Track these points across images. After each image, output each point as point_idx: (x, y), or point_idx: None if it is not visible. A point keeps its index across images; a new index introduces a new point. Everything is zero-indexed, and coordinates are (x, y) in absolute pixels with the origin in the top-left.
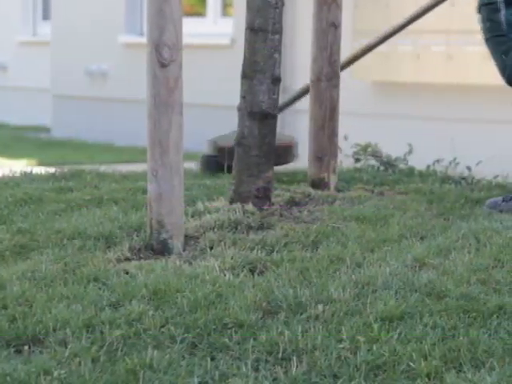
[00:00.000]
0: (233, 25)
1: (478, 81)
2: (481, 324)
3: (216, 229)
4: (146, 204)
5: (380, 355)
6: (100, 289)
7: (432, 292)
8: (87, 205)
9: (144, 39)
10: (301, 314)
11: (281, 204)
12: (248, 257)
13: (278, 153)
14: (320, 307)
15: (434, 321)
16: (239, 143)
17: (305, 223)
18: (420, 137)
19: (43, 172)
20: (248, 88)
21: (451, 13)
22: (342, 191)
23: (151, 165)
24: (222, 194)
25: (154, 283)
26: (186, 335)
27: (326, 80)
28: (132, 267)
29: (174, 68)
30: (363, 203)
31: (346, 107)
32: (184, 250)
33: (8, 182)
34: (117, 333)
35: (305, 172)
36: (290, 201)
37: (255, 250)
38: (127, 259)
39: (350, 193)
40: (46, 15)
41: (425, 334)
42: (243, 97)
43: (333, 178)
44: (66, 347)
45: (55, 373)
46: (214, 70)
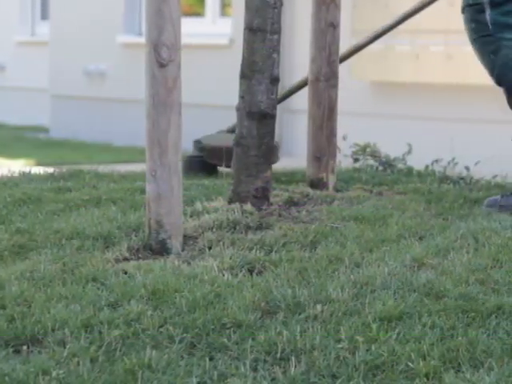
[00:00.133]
0: (231, 25)
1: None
2: (479, 324)
3: (215, 229)
4: (145, 204)
5: (379, 355)
6: (98, 289)
7: (431, 292)
8: (86, 205)
9: (143, 39)
10: (299, 314)
11: (279, 204)
12: (247, 257)
13: None
14: (319, 307)
15: (433, 321)
16: (238, 143)
17: (303, 223)
18: (419, 137)
19: (42, 172)
20: (247, 88)
21: (450, 13)
22: (341, 191)
23: (150, 165)
24: (221, 194)
25: (153, 283)
26: (185, 335)
27: (325, 80)
28: (130, 267)
29: (173, 68)
30: (362, 203)
31: (345, 107)
32: (183, 250)
33: (7, 182)
34: (115, 333)
35: (303, 172)
36: (289, 201)
37: (254, 250)
38: (126, 259)
39: (349, 193)
40: (45, 15)
41: (423, 334)
42: (242, 97)
43: (331, 178)
44: (65, 347)
45: (54, 373)
46: (213, 70)
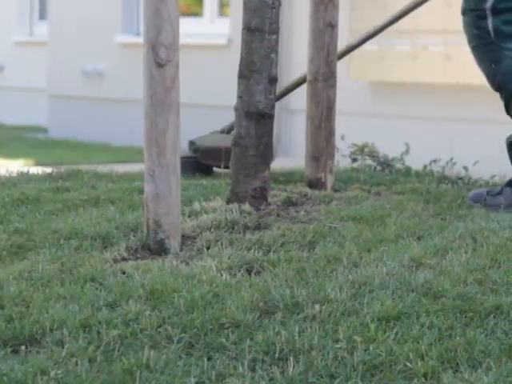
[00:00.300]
0: (230, 25)
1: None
2: (478, 324)
3: (213, 229)
4: (143, 204)
5: (377, 355)
6: (97, 289)
7: (429, 292)
8: (84, 205)
9: (141, 39)
10: (298, 314)
11: (278, 204)
12: (245, 257)
13: None
14: (317, 307)
15: (431, 321)
16: (236, 143)
17: (302, 223)
18: (417, 137)
19: (40, 172)
20: (245, 88)
21: (448, 13)
22: (339, 191)
23: (148, 165)
24: (219, 194)
25: (151, 283)
26: (183, 335)
27: (323, 80)
28: (129, 267)
29: (171, 68)
30: (360, 203)
31: (343, 107)
32: (181, 250)
33: (5, 182)
34: (114, 333)
35: (302, 172)
36: (287, 201)
37: (252, 250)
38: (124, 259)
39: (347, 193)
40: (43, 15)
41: (422, 334)
42: (240, 97)
43: (330, 178)
44: (63, 347)
45: (52, 373)
46: (211, 70)
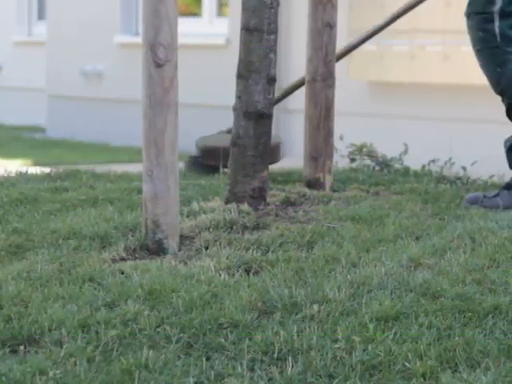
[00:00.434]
0: (228, 25)
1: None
2: (476, 324)
3: (211, 229)
4: (142, 204)
5: (375, 355)
6: (95, 289)
7: (427, 292)
8: (82, 205)
9: (139, 39)
10: (296, 314)
11: (276, 204)
12: (243, 257)
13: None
14: (315, 307)
15: (430, 321)
16: (234, 143)
17: (300, 223)
18: (415, 137)
19: (38, 172)
20: (243, 88)
21: (447, 13)
22: (338, 191)
23: (146, 165)
24: (218, 194)
25: (150, 283)
26: (182, 335)
27: (322, 80)
28: (127, 267)
29: (170, 68)
30: (359, 203)
31: (342, 107)
32: (179, 250)
33: (3, 182)
34: (112, 333)
35: (300, 172)
36: (286, 201)
37: (250, 250)
38: (122, 259)
39: (346, 193)
40: (42, 15)
41: (420, 334)
42: (238, 97)
43: (328, 178)
44: (62, 347)
45: (51, 373)
46: (210, 70)
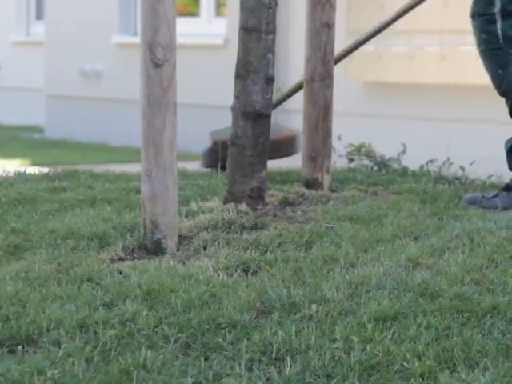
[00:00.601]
0: (226, 25)
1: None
2: (474, 324)
3: (210, 229)
4: (140, 204)
5: (374, 355)
6: (94, 289)
7: (426, 292)
8: (81, 205)
9: (138, 39)
10: (294, 314)
11: (274, 204)
12: (242, 257)
13: (283, 145)
14: (314, 307)
15: (428, 321)
16: (233, 143)
17: (298, 223)
18: (414, 137)
19: (37, 172)
20: (242, 88)
21: (445, 13)
22: (336, 191)
23: (145, 165)
24: (216, 194)
25: (148, 283)
26: (180, 335)
27: (320, 80)
28: (126, 267)
29: (168, 68)
30: (357, 203)
31: (340, 107)
32: (178, 250)
33: (2, 182)
34: (110, 333)
35: (298, 172)
36: (284, 201)
37: (249, 250)
38: (121, 259)
39: (344, 193)
40: (40, 15)
41: (418, 334)
42: (237, 97)
43: (326, 178)
44: (60, 347)
45: (49, 373)
46: (208, 70)
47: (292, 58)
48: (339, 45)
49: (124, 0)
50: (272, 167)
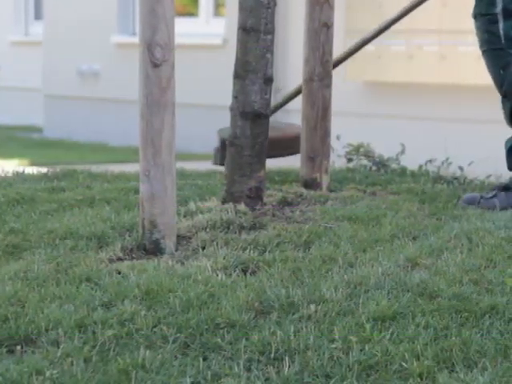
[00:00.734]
0: (225, 25)
1: (471, 81)
2: (473, 324)
3: (208, 229)
4: (139, 204)
5: (372, 355)
6: (92, 289)
7: (424, 292)
8: (79, 205)
9: (136, 39)
10: (293, 314)
11: (273, 204)
12: (240, 257)
13: (290, 143)
14: (312, 307)
15: (427, 321)
16: (231, 143)
17: (297, 223)
18: (412, 137)
19: (35, 172)
20: (240, 88)
21: (444, 13)
22: (335, 191)
23: (143, 165)
24: (214, 194)
25: (147, 283)
26: (179, 335)
27: (319, 80)
28: (124, 267)
29: (167, 68)
30: (355, 203)
31: (339, 107)
32: (176, 250)
33: (0, 182)
34: (109, 333)
35: (297, 172)
36: (283, 201)
37: (247, 250)
38: (119, 259)
39: (343, 193)
40: (38, 15)
41: (417, 334)
42: (235, 97)
43: (325, 178)
44: (59, 347)
45: (47, 373)
46: (207, 70)
47: (291, 58)
48: (338, 45)
49: (123, 0)
50: (270, 167)
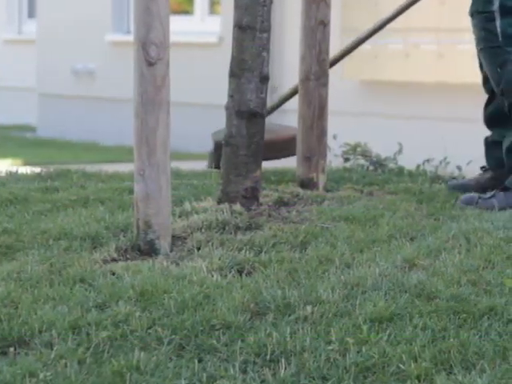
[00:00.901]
0: (220, 23)
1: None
2: (471, 325)
3: (203, 229)
4: (133, 204)
5: (369, 357)
6: (86, 290)
7: (422, 293)
8: (73, 205)
9: (131, 37)
10: (289, 316)
11: (269, 204)
12: (236, 257)
13: (285, 145)
14: (309, 308)
15: (424, 322)
16: (227, 143)
17: (293, 223)
18: (410, 136)
19: (29, 172)
20: (236, 87)
21: (441, 11)
22: (331, 191)
23: (138, 164)
24: (210, 194)
25: (141, 284)
26: (174, 337)
27: (315, 79)
28: (119, 268)
29: (161, 66)
30: (352, 203)
31: (335, 106)
32: (171, 251)
33: None
34: (103, 334)
35: (293, 172)
36: (279, 201)
37: (243, 251)
38: (114, 260)
39: (339, 193)
40: (32, 13)
41: (415, 336)
42: (231, 95)
43: (322, 178)
44: (52, 349)
45: (41, 375)
46: (202, 69)
47: (287, 57)
48: (334, 43)
49: None
50: (267, 167)
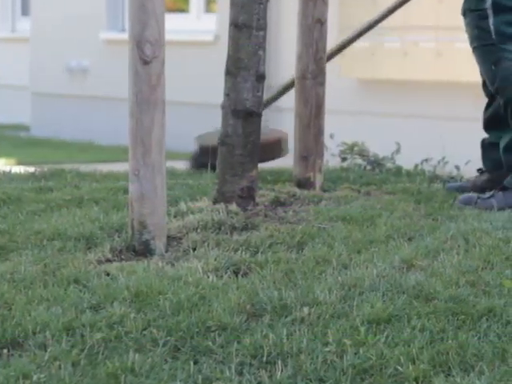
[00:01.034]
0: (216, 21)
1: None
2: (470, 327)
3: (199, 229)
4: (128, 204)
5: (367, 359)
6: (80, 291)
7: (420, 294)
8: (67, 205)
9: (126, 35)
10: (286, 317)
11: (265, 204)
12: (232, 258)
13: (268, 148)
14: (305, 310)
15: (422, 323)
16: (223, 142)
17: (290, 224)
18: (408, 135)
19: (22, 171)
20: (232, 85)
21: (440, 9)
22: (328, 191)
23: (133, 164)
24: (206, 194)
25: (136, 285)
26: (169, 338)
27: (312, 77)
28: (113, 269)
29: (157, 65)
30: (350, 203)
31: (333, 105)
32: (166, 251)
33: None
34: (98, 336)
35: (290, 171)
36: (275, 201)
37: (239, 251)
38: (108, 260)
39: (337, 193)
40: (25, 11)
41: (413, 337)
42: (227, 94)
43: (319, 178)
44: (46, 350)
45: (35, 377)
46: (197, 67)
47: (283, 55)
48: (331, 42)
49: None
50: (263, 166)
